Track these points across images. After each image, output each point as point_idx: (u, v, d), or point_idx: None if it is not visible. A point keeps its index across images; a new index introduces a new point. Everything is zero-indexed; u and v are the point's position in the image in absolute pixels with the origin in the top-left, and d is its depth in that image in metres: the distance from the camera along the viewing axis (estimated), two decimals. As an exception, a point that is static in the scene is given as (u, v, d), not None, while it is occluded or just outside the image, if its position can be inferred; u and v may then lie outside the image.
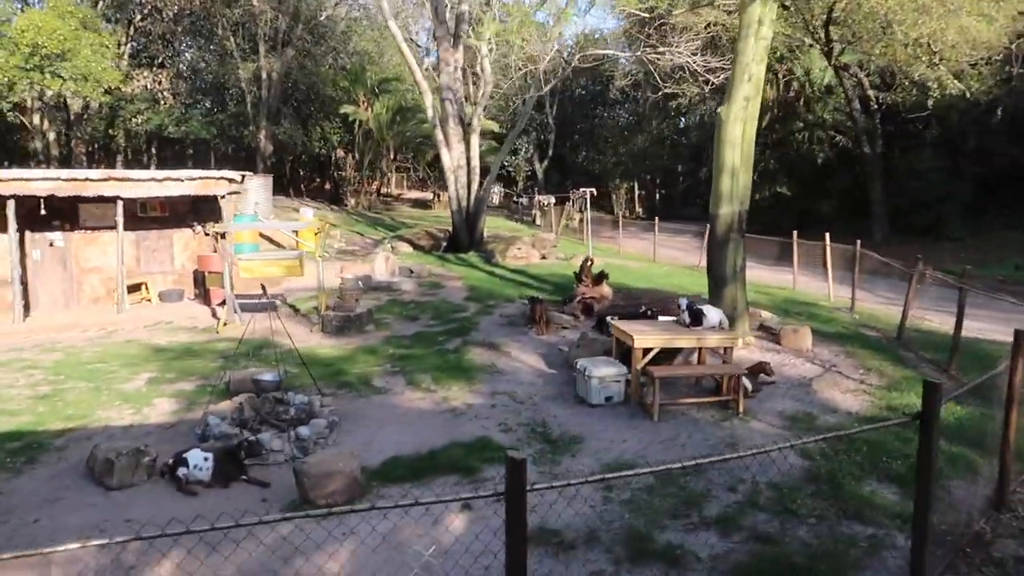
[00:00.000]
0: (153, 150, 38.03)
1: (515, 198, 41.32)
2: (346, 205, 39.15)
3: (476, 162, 22.93)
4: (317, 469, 6.73)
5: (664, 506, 6.83)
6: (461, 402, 9.60)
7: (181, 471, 7.06)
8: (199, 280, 17.26)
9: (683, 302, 10.04)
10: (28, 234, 15.86)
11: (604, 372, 9.59)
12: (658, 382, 9.15)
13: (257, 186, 21.97)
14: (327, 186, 44.49)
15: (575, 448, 8.25)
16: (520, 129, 24.78)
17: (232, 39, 31.44)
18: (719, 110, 11.97)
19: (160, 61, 33.74)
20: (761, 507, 6.78)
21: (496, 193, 36.84)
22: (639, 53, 22.27)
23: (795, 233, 20.80)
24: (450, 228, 23.85)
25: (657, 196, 54.54)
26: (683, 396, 9.72)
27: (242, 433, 8.07)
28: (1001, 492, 6.57)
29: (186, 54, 32.79)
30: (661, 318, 10.93)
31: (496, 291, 17.02)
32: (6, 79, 21.95)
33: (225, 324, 13.66)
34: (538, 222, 30.73)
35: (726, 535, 6.30)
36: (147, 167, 36.75)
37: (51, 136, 33.22)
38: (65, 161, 32.54)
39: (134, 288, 16.72)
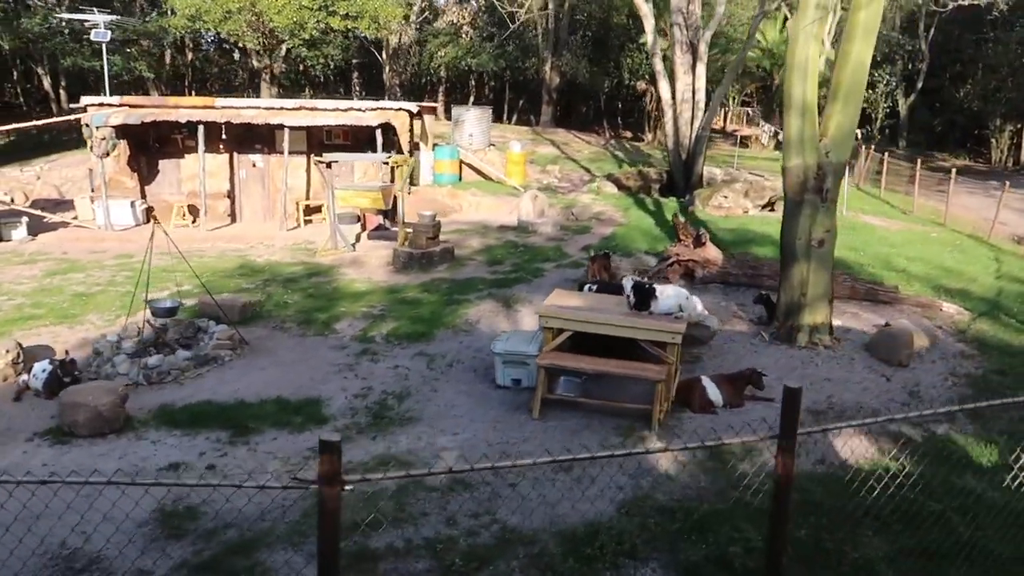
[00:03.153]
0: (472, 82, 40.75)
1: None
2: (642, 140, 37.86)
3: (702, 95, 20.27)
4: (68, 398, 6.87)
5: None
6: (371, 358, 8.88)
7: (23, 378, 7.74)
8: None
9: (628, 281, 7.83)
10: (236, 156, 18.34)
11: (511, 348, 8.05)
12: (543, 372, 7.43)
13: (472, 118, 22.31)
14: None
15: (392, 430, 7.18)
16: (742, 58, 20.85)
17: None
18: (788, 24, 8.83)
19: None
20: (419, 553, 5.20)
21: (764, 132, 32.17)
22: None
23: None
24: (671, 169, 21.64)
25: (1056, 143, 42.48)
26: (606, 396, 7.73)
27: (142, 351, 8.57)
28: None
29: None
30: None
31: (634, 244, 15.13)
32: (297, 18, 25.23)
33: (324, 250, 14.34)
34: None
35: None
36: (463, 101, 39.69)
37: (387, 69, 37.65)
38: (388, 92, 36.61)
39: (315, 209, 18.40)
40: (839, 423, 5.96)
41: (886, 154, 26.48)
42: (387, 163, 17.98)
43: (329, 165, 14.50)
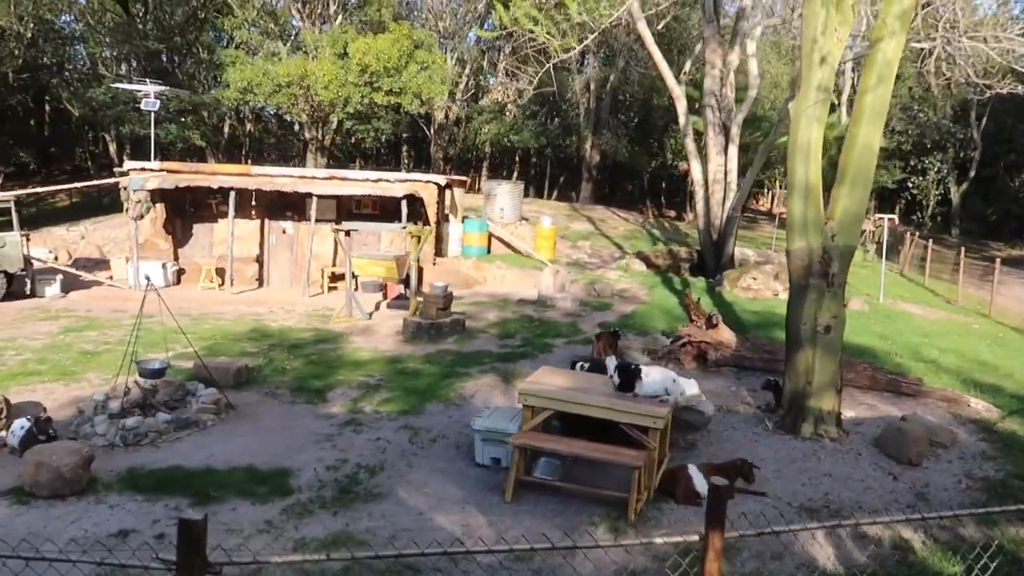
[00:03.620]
0: (517, 158, 41.40)
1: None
2: (683, 219, 37.75)
3: (734, 176, 20.13)
4: (32, 457, 6.82)
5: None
6: (354, 429, 8.68)
7: (2, 434, 7.74)
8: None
9: (611, 361, 7.55)
10: (267, 222, 18.74)
11: (491, 425, 7.77)
12: (518, 452, 7.13)
13: (504, 192, 22.51)
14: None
15: (356, 506, 6.89)
16: (772, 141, 20.52)
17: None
18: (790, 106, 8.67)
19: (512, 74, 36.62)
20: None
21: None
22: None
23: None
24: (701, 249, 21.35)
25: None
26: (587, 481, 7.36)
27: (127, 412, 8.53)
28: None
29: (529, 68, 34.96)
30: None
31: (652, 323, 14.80)
32: (342, 93, 26.13)
33: (338, 317, 14.36)
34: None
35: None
36: (507, 176, 40.28)
37: (433, 144, 38.59)
38: (434, 166, 37.39)
39: (340, 276, 18.54)
40: (778, 526, 5.49)
41: (930, 241, 25.80)
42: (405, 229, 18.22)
43: (348, 233, 14.64)
